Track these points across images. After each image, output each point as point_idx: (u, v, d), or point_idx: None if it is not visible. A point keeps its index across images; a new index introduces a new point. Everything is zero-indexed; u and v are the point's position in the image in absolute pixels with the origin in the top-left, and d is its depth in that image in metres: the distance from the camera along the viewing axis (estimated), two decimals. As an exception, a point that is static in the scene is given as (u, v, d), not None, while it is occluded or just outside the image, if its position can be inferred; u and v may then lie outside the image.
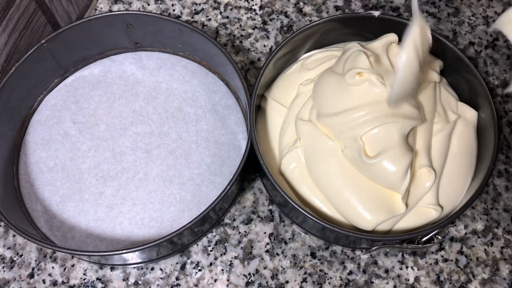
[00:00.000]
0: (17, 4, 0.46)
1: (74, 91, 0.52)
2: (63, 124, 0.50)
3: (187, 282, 0.46)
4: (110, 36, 0.51)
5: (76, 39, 0.49)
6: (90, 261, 0.46)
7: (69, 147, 0.49)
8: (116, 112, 0.51)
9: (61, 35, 0.48)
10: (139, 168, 0.48)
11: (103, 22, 0.49)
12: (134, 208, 0.47)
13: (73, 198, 0.47)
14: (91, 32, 0.49)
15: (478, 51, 0.56)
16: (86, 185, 0.48)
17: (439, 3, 0.59)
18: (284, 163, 0.44)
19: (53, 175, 0.48)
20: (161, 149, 0.49)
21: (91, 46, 0.52)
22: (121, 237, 0.46)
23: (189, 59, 0.53)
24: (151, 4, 0.59)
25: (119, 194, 0.47)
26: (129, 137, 0.50)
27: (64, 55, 0.50)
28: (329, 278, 0.46)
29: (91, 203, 0.47)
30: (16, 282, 0.46)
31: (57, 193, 0.48)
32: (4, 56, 0.46)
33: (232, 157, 0.49)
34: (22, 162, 0.49)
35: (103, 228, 0.46)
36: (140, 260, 0.45)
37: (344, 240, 0.45)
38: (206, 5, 0.58)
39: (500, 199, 0.49)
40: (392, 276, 0.46)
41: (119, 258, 0.44)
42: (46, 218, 0.47)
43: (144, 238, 0.46)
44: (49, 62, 0.49)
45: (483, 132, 0.45)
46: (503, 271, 0.47)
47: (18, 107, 0.49)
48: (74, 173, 0.48)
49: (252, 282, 0.46)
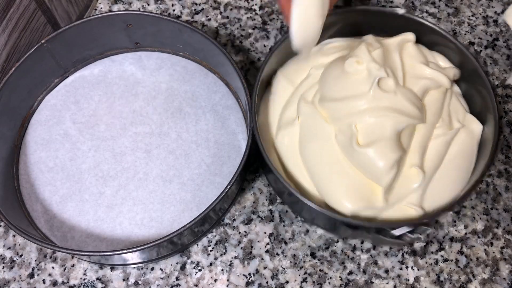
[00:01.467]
0: (17, 4, 0.46)
1: (74, 91, 0.52)
2: (63, 124, 0.50)
3: (187, 282, 0.46)
4: (110, 36, 0.51)
5: (76, 39, 0.49)
6: (90, 261, 0.46)
7: (69, 147, 0.49)
8: (116, 112, 0.51)
9: (61, 35, 0.48)
10: (139, 168, 0.48)
11: (103, 22, 0.49)
12: (134, 208, 0.47)
13: (73, 198, 0.47)
14: (91, 32, 0.50)
15: (478, 51, 0.56)
16: (86, 185, 0.48)
17: (439, 3, 0.59)
18: (279, 138, 0.45)
19: (53, 175, 0.48)
20: (161, 149, 0.49)
21: (91, 46, 0.52)
22: (121, 237, 0.46)
23: (189, 59, 0.53)
24: (151, 4, 0.59)
25: (119, 194, 0.47)
26: (129, 137, 0.50)
27: (64, 55, 0.50)
28: (329, 278, 0.46)
29: (91, 203, 0.47)
30: (16, 282, 0.46)
31: (57, 193, 0.48)
32: (4, 56, 0.46)
33: (232, 157, 0.49)
34: (22, 162, 0.49)
35: (103, 228, 0.46)
36: (140, 260, 0.45)
37: (322, 221, 0.45)
38: (206, 5, 0.58)
39: (500, 199, 0.49)
40: (392, 276, 0.46)
41: (119, 258, 0.44)
42: (46, 218, 0.47)
43: (144, 238, 0.46)
44: (49, 62, 0.49)
45: (483, 147, 0.44)
46: (503, 271, 0.47)
47: (18, 107, 0.49)
48: (74, 173, 0.48)
49: (252, 282, 0.46)
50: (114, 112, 0.51)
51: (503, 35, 0.57)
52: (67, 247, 0.45)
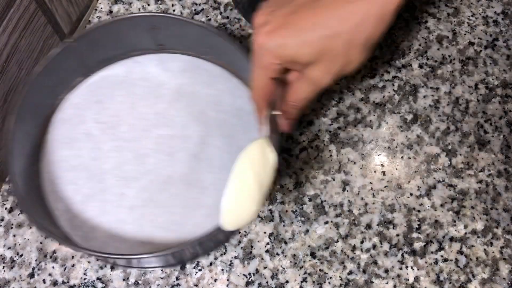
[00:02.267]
0: (17, 4, 0.46)
1: (96, 91, 0.51)
2: (85, 123, 0.50)
3: (187, 282, 0.46)
4: (135, 37, 0.51)
5: (102, 38, 0.49)
6: (111, 263, 0.46)
7: (91, 147, 0.49)
8: (139, 114, 0.50)
9: (89, 34, 0.48)
10: (162, 170, 0.48)
11: (130, 23, 0.49)
12: (156, 211, 0.46)
13: (95, 198, 0.47)
14: (117, 33, 0.49)
15: (478, 51, 0.56)
16: (108, 186, 0.47)
17: (439, 3, 0.59)
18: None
19: (75, 174, 0.48)
20: (183, 152, 0.48)
21: (115, 46, 0.51)
22: (143, 239, 0.45)
23: (213, 62, 0.52)
24: (151, 4, 0.59)
25: (141, 196, 0.47)
26: (152, 139, 0.49)
27: (89, 54, 0.50)
28: (329, 278, 0.46)
29: (113, 203, 0.46)
30: (16, 282, 0.46)
31: (79, 192, 0.47)
32: (4, 56, 0.46)
33: None
34: (45, 160, 0.48)
35: (125, 229, 0.46)
36: (164, 264, 0.45)
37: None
38: (206, 5, 0.58)
39: (500, 199, 0.49)
40: (392, 276, 0.46)
41: (141, 261, 0.44)
42: (67, 217, 0.46)
43: (166, 241, 0.45)
44: (74, 61, 0.49)
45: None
46: (503, 271, 0.47)
47: (41, 105, 0.49)
48: (96, 173, 0.48)
49: (252, 282, 0.46)
50: (136, 113, 0.50)
51: (503, 35, 0.57)
52: (89, 248, 0.44)
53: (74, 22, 0.56)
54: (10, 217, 0.48)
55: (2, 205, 0.49)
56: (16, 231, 0.48)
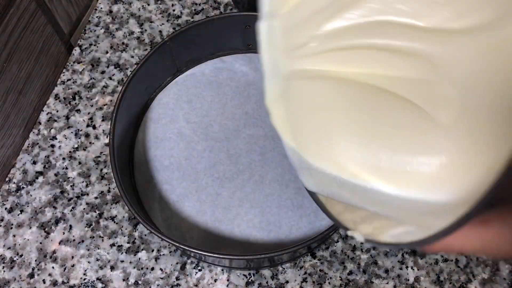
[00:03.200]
0: (17, 4, 0.45)
1: (186, 91, 0.52)
2: (176, 123, 0.50)
3: (187, 282, 0.46)
4: (226, 37, 0.51)
5: (195, 38, 0.49)
6: (210, 262, 0.45)
7: (183, 147, 0.49)
8: (229, 114, 0.51)
9: (183, 33, 0.48)
10: (255, 170, 0.48)
11: (224, 22, 0.49)
12: (252, 211, 0.46)
13: (190, 198, 0.47)
14: (210, 32, 0.49)
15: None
16: (203, 186, 0.47)
17: (439, 3, 0.59)
18: None
19: (169, 174, 0.48)
20: (275, 152, 0.49)
21: (205, 46, 0.51)
22: (240, 240, 0.46)
23: None
24: (151, 4, 0.59)
25: (235, 196, 0.47)
26: (243, 139, 0.49)
27: (181, 53, 0.50)
28: (329, 278, 0.46)
29: (208, 203, 0.47)
30: (16, 282, 0.46)
31: (173, 192, 0.47)
32: (4, 56, 0.46)
33: None
34: (137, 160, 0.48)
35: (222, 229, 0.46)
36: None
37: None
38: (206, 5, 0.58)
39: (500, 199, 0.49)
40: (392, 276, 0.46)
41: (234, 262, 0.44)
42: (163, 217, 0.46)
43: (263, 241, 0.46)
44: (167, 60, 0.49)
45: None
46: (503, 271, 0.47)
47: (135, 105, 0.49)
48: (190, 172, 0.48)
49: (252, 282, 0.46)
50: (227, 113, 0.51)
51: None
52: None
53: (74, 22, 0.56)
54: (10, 217, 0.48)
55: (2, 205, 0.49)
56: (16, 231, 0.48)
